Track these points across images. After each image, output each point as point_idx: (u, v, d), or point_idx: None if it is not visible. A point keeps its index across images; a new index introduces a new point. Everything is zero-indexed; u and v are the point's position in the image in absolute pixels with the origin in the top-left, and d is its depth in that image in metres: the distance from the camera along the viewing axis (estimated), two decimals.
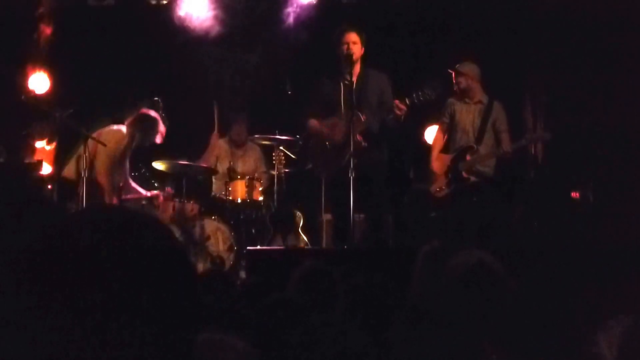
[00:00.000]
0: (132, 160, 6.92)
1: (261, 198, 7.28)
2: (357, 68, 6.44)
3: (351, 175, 5.95)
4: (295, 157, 7.41)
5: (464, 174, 6.79)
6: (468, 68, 6.91)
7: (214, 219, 7.08)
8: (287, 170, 7.33)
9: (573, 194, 7.12)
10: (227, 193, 7.18)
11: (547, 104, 7.68)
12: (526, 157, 7.72)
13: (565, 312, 2.33)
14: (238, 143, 7.84)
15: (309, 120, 6.60)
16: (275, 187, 7.18)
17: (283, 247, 6.71)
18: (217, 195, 7.54)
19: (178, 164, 7.06)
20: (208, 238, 6.99)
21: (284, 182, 7.25)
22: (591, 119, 6.98)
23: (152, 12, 7.80)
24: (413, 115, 6.67)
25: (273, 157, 7.22)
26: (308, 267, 3.35)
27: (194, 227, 7.00)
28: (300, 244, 7.00)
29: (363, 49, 6.42)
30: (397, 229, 7.01)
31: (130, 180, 6.81)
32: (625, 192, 6.61)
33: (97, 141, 6.43)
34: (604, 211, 6.72)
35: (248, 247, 6.32)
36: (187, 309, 0.92)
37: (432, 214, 7.22)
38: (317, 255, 5.66)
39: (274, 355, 2.32)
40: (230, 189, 7.17)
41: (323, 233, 6.66)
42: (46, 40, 7.62)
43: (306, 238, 7.09)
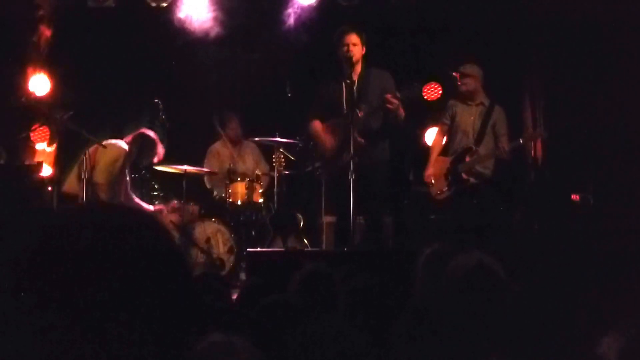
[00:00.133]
0: (132, 165, 6.90)
1: (261, 200, 7.28)
2: (359, 68, 6.45)
3: (351, 177, 5.95)
4: (295, 159, 7.41)
5: (464, 176, 6.79)
6: (473, 69, 6.91)
7: (214, 221, 7.07)
8: (288, 172, 7.33)
9: (573, 197, 7.11)
10: (227, 195, 7.18)
11: (547, 106, 7.68)
12: (526, 159, 7.73)
13: (565, 314, 2.33)
14: (234, 141, 7.84)
15: (312, 122, 6.61)
16: (275, 189, 7.17)
17: (283, 249, 6.69)
18: (217, 197, 7.54)
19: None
20: (208, 240, 6.99)
21: (284, 184, 7.25)
22: (591, 121, 6.97)
23: (153, 14, 7.80)
24: (413, 117, 6.67)
25: (273, 159, 7.20)
26: (308, 269, 3.35)
27: (194, 229, 7.00)
28: (300, 246, 6.99)
29: (364, 49, 6.42)
30: (397, 231, 7.00)
31: (132, 194, 6.79)
32: (625, 194, 6.60)
33: (98, 143, 6.43)
34: (604, 213, 6.71)
35: (248, 249, 6.30)
36: (185, 309, 0.92)
37: (432, 216, 7.23)
38: (318, 257, 5.66)
39: (275, 357, 2.32)
40: (230, 191, 7.17)
41: (323, 235, 6.65)
42: (46, 42, 7.62)
43: (306, 240, 7.08)
